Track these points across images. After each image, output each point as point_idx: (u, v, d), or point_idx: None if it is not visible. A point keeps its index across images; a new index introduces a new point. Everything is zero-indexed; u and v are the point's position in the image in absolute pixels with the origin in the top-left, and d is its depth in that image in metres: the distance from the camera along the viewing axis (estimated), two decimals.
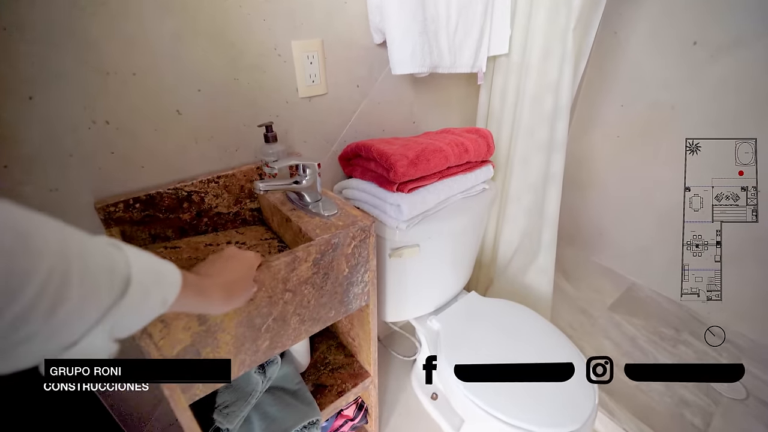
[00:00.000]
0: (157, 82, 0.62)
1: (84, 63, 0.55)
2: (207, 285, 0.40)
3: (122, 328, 0.29)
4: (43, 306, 0.21)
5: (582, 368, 0.86)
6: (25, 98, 0.52)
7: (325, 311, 0.67)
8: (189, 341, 0.51)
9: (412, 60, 0.79)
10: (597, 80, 1.54)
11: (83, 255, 0.24)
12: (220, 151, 0.73)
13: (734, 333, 1.40)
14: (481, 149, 0.87)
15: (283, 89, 0.76)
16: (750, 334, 1.38)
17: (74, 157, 0.58)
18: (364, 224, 0.65)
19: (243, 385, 0.72)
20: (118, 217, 0.65)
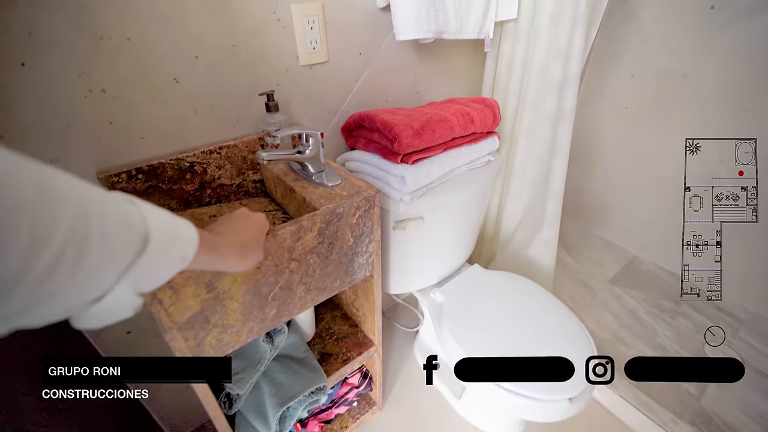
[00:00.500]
0: (153, 48, 0.60)
1: (76, 27, 0.53)
2: (222, 243, 0.40)
3: (145, 283, 0.29)
4: (66, 261, 0.21)
5: (585, 339, 0.88)
6: (17, 65, 0.51)
7: (330, 281, 0.68)
8: (198, 308, 0.52)
9: (417, 24, 0.76)
10: (607, 49, 1.48)
11: (102, 210, 0.24)
12: (221, 122, 0.72)
13: (734, 305, 1.42)
14: (487, 120, 0.85)
15: (284, 56, 0.74)
16: (750, 307, 1.40)
17: (72, 127, 0.57)
18: (369, 194, 0.65)
19: (252, 353, 0.74)
20: (122, 188, 0.64)
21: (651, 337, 1.32)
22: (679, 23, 1.28)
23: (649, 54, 1.38)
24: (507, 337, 0.88)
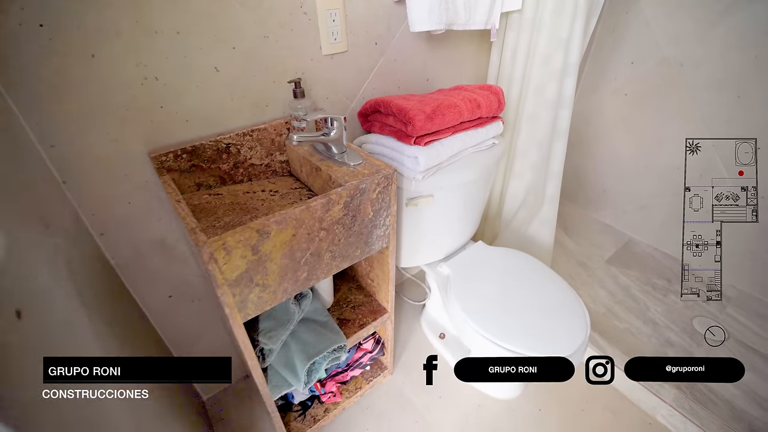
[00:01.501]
0: (198, 41, 0.67)
1: (136, 23, 0.60)
2: None
3: None
4: None
5: (580, 311, 0.96)
6: (88, 57, 0.59)
7: (352, 249, 0.77)
8: (244, 268, 0.61)
9: (430, 17, 0.83)
10: (608, 37, 1.54)
11: None
12: (253, 107, 0.80)
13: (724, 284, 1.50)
14: (492, 105, 0.93)
15: (308, 47, 0.81)
16: (738, 285, 1.48)
17: (130, 110, 0.66)
18: (388, 172, 0.73)
19: (282, 314, 0.84)
20: (169, 166, 0.73)
21: (643, 312, 1.42)
22: (677, 13, 1.33)
23: (648, 42, 1.44)
24: (508, 305, 0.97)
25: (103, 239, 0.73)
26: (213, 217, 0.72)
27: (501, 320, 0.93)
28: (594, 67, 1.63)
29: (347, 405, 1.11)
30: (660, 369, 0.75)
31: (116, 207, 0.72)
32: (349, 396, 1.11)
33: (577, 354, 0.88)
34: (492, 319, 0.93)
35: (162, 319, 0.90)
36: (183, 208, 0.62)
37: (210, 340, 1.03)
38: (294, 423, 1.04)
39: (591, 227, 1.85)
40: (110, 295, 0.69)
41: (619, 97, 1.61)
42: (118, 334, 0.62)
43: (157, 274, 0.84)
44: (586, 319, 0.94)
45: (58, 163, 0.63)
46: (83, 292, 0.54)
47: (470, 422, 1.09)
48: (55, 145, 0.62)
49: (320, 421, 1.05)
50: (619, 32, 1.50)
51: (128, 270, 0.79)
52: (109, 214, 0.72)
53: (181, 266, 0.87)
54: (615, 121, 1.66)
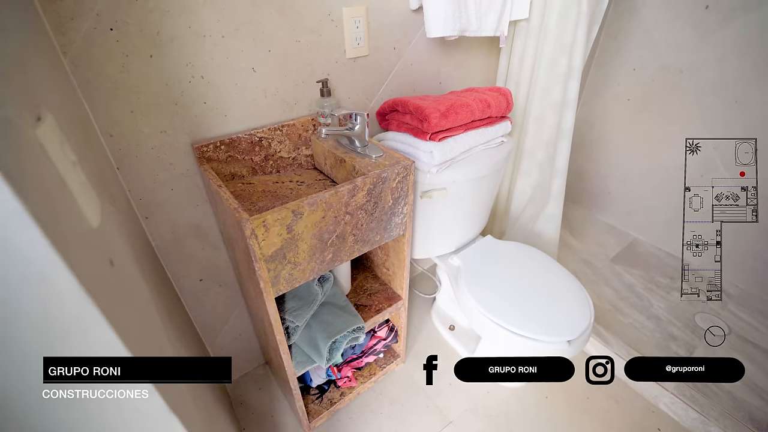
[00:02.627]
0: (239, 44, 0.75)
1: (188, 27, 0.68)
2: None
3: None
4: None
5: (584, 299, 1.01)
6: (147, 57, 0.67)
7: (372, 234, 0.83)
8: (279, 245, 0.68)
9: (445, 24, 0.91)
10: (611, 45, 1.61)
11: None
12: (283, 105, 0.87)
13: (725, 282, 1.55)
14: (501, 105, 1.00)
15: (334, 51, 0.89)
16: (739, 283, 1.52)
17: (178, 105, 0.73)
18: (407, 164, 0.80)
19: (306, 295, 0.90)
20: (209, 156, 0.80)
21: (646, 308, 1.46)
22: (677, 21, 1.41)
23: (649, 50, 1.51)
24: (515, 293, 1.03)
25: (147, 222, 0.81)
26: (248, 202, 0.79)
27: (508, 306, 0.98)
28: (598, 73, 1.71)
29: (362, 390, 1.17)
30: (660, 369, 0.76)
31: (160, 193, 0.80)
32: (364, 381, 1.17)
33: (582, 338, 0.93)
34: (500, 305, 0.99)
35: (193, 301, 0.97)
36: (225, 192, 0.69)
37: (234, 323, 1.10)
38: (312, 405, 1.10)
39: (596, 228, 1.90)
40: (155, 273, 0.76)
41: (622, 102, 1.68)
42: (165, 305, 0.69)
43: (191, 258, 0.91)
44: (589, 306, 0.99)
45: (114, 151, 0.71)
46: (141, 262, 0.61)
47: (479, 407, 1.14)
48: (113, 134, 0.69)
49: (336, 404, 1.11)
50: (621, 40, 1.58)
51: (167, 252, 0.87)
52: (153, 200, 0.79)
53: (212, 251, 0.94)
54: (618, 125, 1.73)
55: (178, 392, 0.47)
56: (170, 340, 0.59)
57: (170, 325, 0.66)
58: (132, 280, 0.48)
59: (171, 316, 0.72)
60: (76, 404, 0.33)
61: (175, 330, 0.72)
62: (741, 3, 1.24)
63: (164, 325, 0.59)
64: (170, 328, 0.65)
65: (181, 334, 0.75)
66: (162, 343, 0.53)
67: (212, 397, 0.78)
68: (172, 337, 0.63)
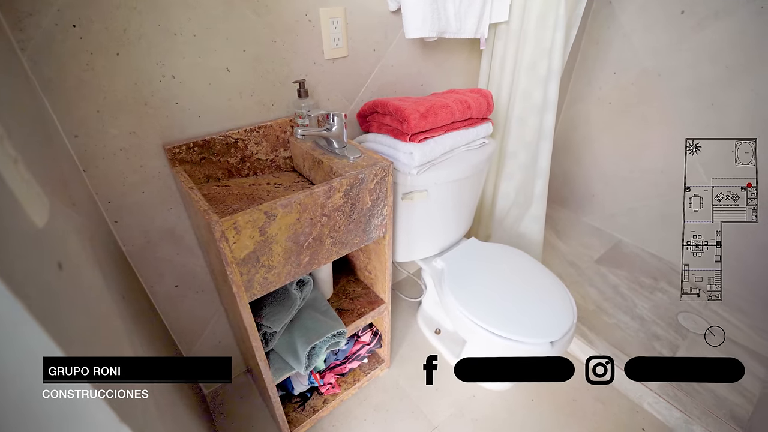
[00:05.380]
0: (212, 43, 0.74)
1: (158, 25, 0.67)
2: None
3: None
4: None
5: (568, 301, 1.01)
6: (113, 55, 0.65)
7: (351, 237, 0.82)
8: (252, 248, 0.66)
9: (423, 25, 0.91)
10: (592, 49, 1.64)
11: None
12: (260, 105, 0.86)
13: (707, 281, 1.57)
14: (482, 107, 1.00)
15: (312, 51, 0.88)
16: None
17: (148, 105, 0.71)
18: (385, 164, 0.79)
19: (285, 300, 0.88)
20: (181, 158, 0.78)
21: (630, 308, 1.47)
22: (655, 27, 1.43)
23: (628, 54, 1.54)
24: (499, 295, 1.02)
25: (117, 227, 0.78)
26: (222, 205, 0.77)
27: (492, 308, 0.98)
28: (580, 77, 1.73)
29: (345, 397, 1.14)
30: (660, 369, 0.76)
31: (130, 196, 0.77)
32: (348, 388, 1.14)
33: (564, 339, 0.93)
34: (484, 307, 0.98)
35: (169, 308, 0.94)
36: (196, 194, 0.67)
37: (213, 331, 1.07)
38: (294, 414, 1.07)
39: (581, 230, 1.92)
40: (124, 278, 0.73)
41: (604, 105, 1.70)
42: (131, 310, 0.66)
43: (166, 263, 0.89)
44: (572, 308, 0.99)
45: (80, 153, 0.68)
46: (103, 266, 0.59)
47: (465, 412, 1.12)
48: (78, 135, 0.67)
49: (319, 411, 1.08)
50: (602, 44, 1.60)
51: (139, 258, 0.84)
52: (123, 203, 0.77)
53: (188, 257, 0.92)
54: (601, 128, 1.75)
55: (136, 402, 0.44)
56: (134, 346, 0.56)
57: (137, 332, 0.64)
58: (88, 285, 0.46)
59: (139, 323, 0.70)
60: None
61: (145, 337, 0.69)
62: (713, 10, 1.27)
63: (128, 332, 0.57)
64: (136, 335, 0.62)
65: (150, 341, 0.72)
66: (123, 350, 0.51)
67: (184, 407, 0.75)
68: (138, 344, 0.60)
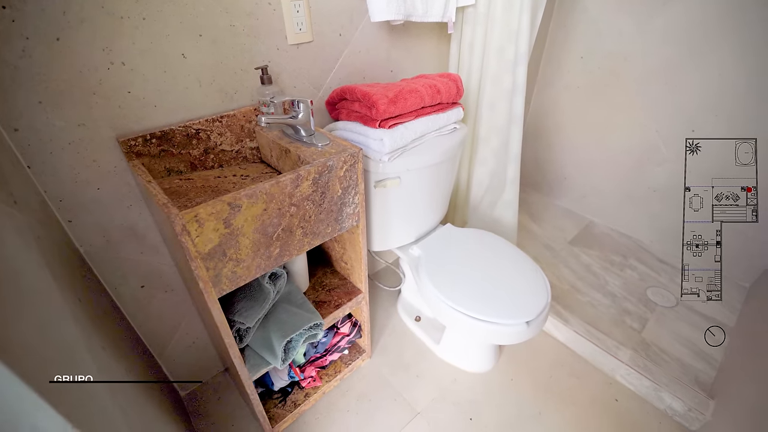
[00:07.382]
0: (164, 26, 0.69)
1: (101, 8, 0.62)
2: None
3: None
4: None
5: (542, 281, 1.02)
6: (53, 40, 0.60)
7: (323, 227, 0.80)
8: (217, 241, 0.63)
9: (388, 8, 0.89)
10: (560, 33, 1.66)
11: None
12: (221, 94, 0.82)
13: (670, 255, 1.64)
14: (451, 91, 0.99)
15: (274, 36, 0.84)
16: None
17: (97, 95, 0.67)
18: (353, 151, 0.77)
19: (258, 294, 0.85)
20: (138, 151, 0.74)
21: (602, 286, 1.52)
22: (619, 10, 1.46)
23: (594, 38, 1.56)
24: (475, 279, 1.03)
25: (71, 226, 0.73)
26: (185, 198, 0.73)
27: (468, 292, 0.98)
28: (549, 62, 1.75)
29: (327, 389, 1.13)
30: None
31: (84, 193, 0.72)
32: (329, 380, 1.13)
33: (539, 319, 0.95)
34: (460, 292, 0.99)
35: (136, 310, 0.90)
36: (154, 187, 0.64)
37: (185, 331, 1.03)
38: (275, 410, 1.06)
39: (554, 213, 1.96)
40: (80, 280, 0.69)
41: (572, 90, 1.73)
42: (89, 313, 0.63)
43: (129, 263, 0.84)
44: (546, 287, 1.01)
45: (22, 148, 0.63)
46: (54, 268, 0.55)
47: (446, 396, 1.13)
48: (18, 128, 0.62)
49: (301, 405, 1.07)
50: (569, 28, 1.62)
51: (98, 259, 0.79)
52: (77, 201, 0.72)
53: (153, 255, 0.88)
54: (570, 112, 1.79)
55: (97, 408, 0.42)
56: (92, 351, 0.53)
57: (97, 335, 0.60)
58: (30, 288, 0.42)
59: (101, 326, 0.66)
60: None
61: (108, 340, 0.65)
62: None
63: (86, 336, 0.53)
64: (96, 338, 0.59)
65: (115, 344, 0.68)
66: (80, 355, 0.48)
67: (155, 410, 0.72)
68: (99, 348, 0.57)
